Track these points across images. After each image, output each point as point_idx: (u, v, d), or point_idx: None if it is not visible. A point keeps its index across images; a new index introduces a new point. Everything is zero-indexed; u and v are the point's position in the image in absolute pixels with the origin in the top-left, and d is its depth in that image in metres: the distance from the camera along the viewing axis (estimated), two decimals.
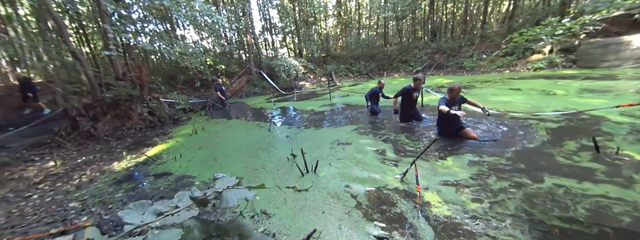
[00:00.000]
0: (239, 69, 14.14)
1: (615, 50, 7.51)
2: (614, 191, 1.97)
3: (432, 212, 1.97)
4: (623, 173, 2.22)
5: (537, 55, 9.42)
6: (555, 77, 7.34)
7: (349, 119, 5.32)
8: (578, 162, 2.50)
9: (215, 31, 12.20)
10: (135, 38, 6.44)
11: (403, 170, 2.59)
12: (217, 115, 7.78)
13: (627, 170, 2.26)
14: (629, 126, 3.21)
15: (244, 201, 2.38)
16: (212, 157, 3.89)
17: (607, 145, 2.77)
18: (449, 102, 3.24)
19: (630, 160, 2.41)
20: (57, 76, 7.48)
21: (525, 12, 13.14)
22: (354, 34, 19.76)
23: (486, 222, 1.79)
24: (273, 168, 3.18)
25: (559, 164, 2.51)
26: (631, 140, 2.83)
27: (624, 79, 6.08)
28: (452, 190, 2.23)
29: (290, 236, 1.88)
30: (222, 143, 4.61)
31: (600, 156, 2.54)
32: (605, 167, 2.34)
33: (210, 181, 2.97)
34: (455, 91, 3.23)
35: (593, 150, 2.64)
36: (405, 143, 3.55)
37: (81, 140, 5.52)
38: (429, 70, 12.63)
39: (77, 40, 11.87)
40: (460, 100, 3.40)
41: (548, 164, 2.52)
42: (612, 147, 2.69)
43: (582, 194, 1.99)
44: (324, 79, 14.76)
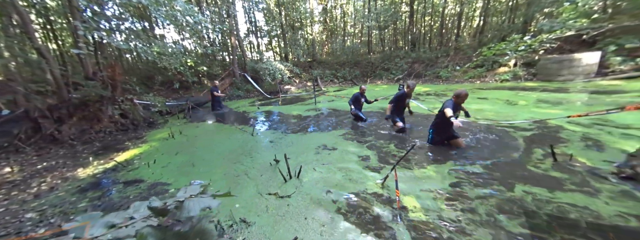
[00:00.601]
0: (222, 71, 13.83)
1: (568, 65, 8.45)
2: (569, 197, 2.16)
3: (410, 216, 2.06)
4: (577, 178, 2.46)
5: (504, 68, 10.34)
6: (518, 88, 8.08)
7: (335, 124, 5.42)
8: (543, 170, 2.67)
9: (197, 32, 11.89)
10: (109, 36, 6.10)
11: (384, 176, 2.70)
12: (197, 118, 7.53)
13: (579, 175, 2.52)
14: (581, 134, 3.61)
15: (227, 211, 2.35)
16: (190, 162, 3.77)
17: (564, 151, 3.06)
18: (454, 106, 3.16)
19: (582, 165, 2.70)
20: (19, 74, 6.83)
21: (493, 28, 14.37)
22: (339, 40, 20.23)
23: (459, 228, 1.90)
24: (256, 174, 3.15)
25: (527, 170, 2.67)
26: (582, 147, 3.18)
27: (574, 92, 6.84)
28: (430, 196, 2.33)
29: None
30: (202, 148, 4.48)
31: (557, 163, 2.78)
32: (561, 174, 2.56)
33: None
34: (462, 97, 3.15)
35: (566, 157, 2.88)
36: (390, 150, 3.61)
37: (43, 145, 5.07)
38: (409, 78, 13.26)
39: (43, 36, 10.94)
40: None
41: (518, 171, 2.69)
42: (567, 153, 2.97)
43: (546, 199, 2.14)
44: (310, 83, 14.87)
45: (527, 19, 11.86)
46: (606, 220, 1.84)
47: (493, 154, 3.17)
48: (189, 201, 0.91)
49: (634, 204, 1.98)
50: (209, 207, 0.92)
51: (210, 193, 1.03)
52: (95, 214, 0.88)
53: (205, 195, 1.00)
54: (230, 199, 2.56)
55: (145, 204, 0.98)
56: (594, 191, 2.23)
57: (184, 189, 1.04)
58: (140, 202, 1.00)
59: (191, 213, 0.86)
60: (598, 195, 2.17)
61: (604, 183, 2.33)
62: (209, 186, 2.89)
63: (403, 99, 4.26)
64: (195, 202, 0.92)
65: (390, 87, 11.92)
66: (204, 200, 0.93)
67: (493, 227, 1.85)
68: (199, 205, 0.90)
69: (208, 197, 0.96)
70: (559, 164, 2.77)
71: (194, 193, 1.01)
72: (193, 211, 0.87)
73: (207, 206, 0.93)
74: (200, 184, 1.15)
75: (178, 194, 1.00)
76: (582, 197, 2.16)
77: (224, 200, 2.51)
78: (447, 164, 2.95)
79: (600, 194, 2.19)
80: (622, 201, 2.05)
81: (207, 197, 0.96)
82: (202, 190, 1.05)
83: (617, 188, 2.24)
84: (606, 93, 6.23)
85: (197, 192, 1.02)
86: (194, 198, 0.95)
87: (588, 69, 8.30)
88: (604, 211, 1.93)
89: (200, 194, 1.04)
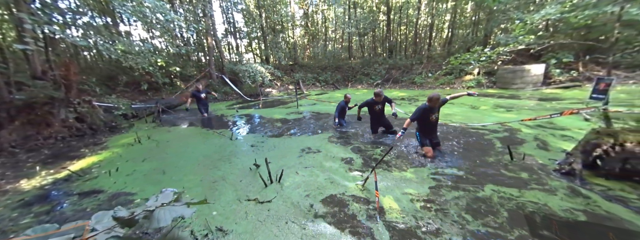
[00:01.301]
0: (197, 72, 13.12)
1: (520, 75, 9.52)
2: (530, 194, 2.34)
3: (388, 216, 2.10)
4: (529, 176, 2.72)
5: (469, 76, 11.33)
6: (481, 94, 8.86)
7: (318, 128, 5.38)
8: (507, 169, 2.88)
9: (169, 30, 11.19)
10: (63, 31, 5.41)
11: (365, 178, 2.71)
12: (168, 122, 6.99)
13: (532, 173, 2.79)
14: (532, 135, 4.03)
15: (203, 219, 2.17)
16: (160, 170, 3.44)
17: (523, 151, 3.37)
18: (426, 110, 3.20)
19: (533, 164, 3.00)
20: None
21: (460, 39, 15.75)
22: (321, 45, 20.48)
23: (433, 227, 1.98)
24: (235, 179, 2.98)
25: (493, 169, 2.86)
26: (534, 147, 3.55)
27: (524, 98, 7.72)
28: (409, 197, 2.39)
29: None
30: (174, 154, 4.13)
31: (513, 162, 3.06)
32: (519, 172, 2.79)
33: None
34: (433, 100, 3.14)
35: (520, 156, 3.16)
36: (375, 153, 3.62)
37: None
38: (387, 83, 13.85)
39: None
40: (440, 105, 3.32)
41: (486, 170, 2.88)
42: (523, 152, 3.28)
43: (508, 197, 2.29)
44: (292, 86, 14.75)
45: (487, 33, 13.20)
46: (557, 216, 2.02)
47: (467, 155, 3.37)
48: (160, 210, 0.80)
49: (581, 200, 2.21)
50: (183, 217, 0.82)
51: (184, 201, 0.91)
52: (50, 226, 0.73)
53: (179, 203, 0.89)
54: (206, 207, 2.38)
55: (109, 214, 0.84)
56: (548, 188, 2.47)
57: (155, 197, 0.92)
58: (104, 212, 0.86)
59: (162, 223, 0.76)
60: (547, 191, 2.40)
61: (553, 180, 2.59)
62: (184, 194, 2.65)
63: (371, 106, 4.30)
64: (167, 211, 0.81)
65: (369, 91, 12.30)
66: (176, 208, 0.82)
67: (461, 226, 1.94)
68: (171, 214, 0.80)
69: (181, 206, 0.86)
70: (515, 163, 3.04)
71: (166, 201, 0.89)
72: (164, 221, 0.76)
73: (180, 215, 0.82)
74: (173, 192, 1.02)
75: (148, 202, 0.88)
76: (536, 193, 2.36)
77: (200, 209, 2.33)
78: (427, 167, 3.04)
79: (550, 189, 2.41)
80: (571, 197, 2.28)
81: (181, 206, 0.86)
82: (175, 198, 0.93)
83: (565, 184, 2.49)
84: (548, 100, 7.14)
85: (169, 200, 0.90)
86: (165, 206, 0.84)
87: (536, 79, 9.43)
88: (556, 207, 2.12)
89: (173, 202, 0.92)
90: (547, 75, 9.50)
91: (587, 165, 2.57)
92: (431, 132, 3.39)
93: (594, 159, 2.53)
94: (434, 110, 3.24)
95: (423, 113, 3.23)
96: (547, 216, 1.96)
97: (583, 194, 2.29)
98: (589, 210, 2.04)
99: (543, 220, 1.93)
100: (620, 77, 8.50)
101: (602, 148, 2.49)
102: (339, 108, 5.08)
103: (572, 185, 2.44)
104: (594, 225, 1.85)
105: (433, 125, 3.35)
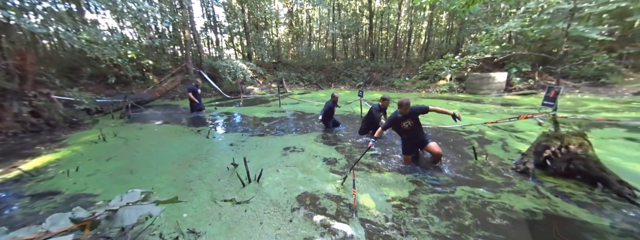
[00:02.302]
0: (172, 66, 12.43)
1: (486, 82, 10.42)
2: (491, 194, 2.52)
3: (364, 213, 2.20)
4: (492, 176, 2.98)
5: (443, 81, 12.13)
6: (452, 99, 9.57)
7: (302, 127, 5.40)
8: (476, 169, 3.07)
9: (141, 21, 10.48)
10: (19, 16, 4.85)
11: (344, 176, 2.81)
12: (139, 119, 6.58)
13: (496, 172, 3.06)
14: (496, 137, 4.45)
15: (173, 221, 2.11)
16: (128, 169, 3.26)
17: (489, 151, 3.68)
18: (397, 119, 2.96)
19: (497, 162, 3.29)
20: None
21: (435, 46, 16.72)
22: (305, 44, 20.46)
23: (404, 226, 2.08)
24: (212, 179, 2.92)
25: (464, 170, 3.00)
26: (498, 148, 3.89)
27: (487, 103, 8.47)
28: (385, 196, 2.49)
29: None
30: (145, 152, 3.93)
31: (478, 161, 3.33)
32: (484, 172, 3.01)
33: None
34: (403, 106, 2.87)
35: (484, 157, 3.44)
36: (358, 153, 3.60)
37: None
38: (369, 85, 14.28)
39: None
40: (415, 113, 3.00)
41: (458, 170, 3.01)
42: (487, 153, 3.58)
43: (474, 197, 2.44)
44: (274, 85, 14.57)
45: (459, 41, 14.23)
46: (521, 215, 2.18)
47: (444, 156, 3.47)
48: (124, 209, 0.81)
49: (544, 201, 2.38)
50: (150, 215, 0.84)
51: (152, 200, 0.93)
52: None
53: (147, 202, 0.90)
54: (178, 209, 2.32)
55: (66, 216, 0.83)
56: (510, 188, 2.71)
57: (120, 197, 0.91)
58: (60, 214, 0.84)
59: (126, 222, 0.76)
60: (510, 191, 2.66)
61: (513, 179, 2.85)
62: (153, 194, 2.55)
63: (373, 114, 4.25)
64: (133, 210, 0.82)
65: (352, 92, 12.59)
66: (143, 207, 0.83)
67: (427, 227, 2.03)
68: (137, 213, 0.80)
69: (149, 204, 0.87)
70: (481, 163, 3.33)
71: (132, 201, 0.90)
72: (129, 220, 0.77)
73: (147, 214, 0.84)
74: (141, 192, 1.03)
75: (112, 202, 0.88)
76: (501, 194, 2.53)
77: (170, 211, 2.27)
78: (404, 170, 3.08)
79: (513, 189, 2.65)
80: (533, 197, 2.48)
81: (149, 204, 0.87)
82: (143, 198, 0.94)
83: (525, 184, 2.74)
84: (508, 105, 7.89)
85: (136, 200, 0.91)
86: (131, 205, 0.85)
87: (499, 86, 10.37)
88: (518, 206, 2.29)
89: (141, 201, 0.93)
90: (509, 83, 10.49)
91: (538, 164, 2.86)
92: (410, 138, 3.12)
93: (544, 159, 2.81)
94: (406, 117, 2.96)
95: (394, 122, 3.03)
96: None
97: (544, 194, 2.49)
98: (550, 209, 2.23)
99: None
100: (568, 86, 9.66)
101: (551, 149, 2.77)
102: (326, 107, 4.80)
103: (531, 182, 2.68)
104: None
105: (410, 132, 3.05)
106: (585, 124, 3.08)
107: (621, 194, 2.38)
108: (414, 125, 3.00)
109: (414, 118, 2.99)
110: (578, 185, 2.61)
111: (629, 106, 6.85)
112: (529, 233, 1.93)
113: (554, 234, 1.84)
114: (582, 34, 8.39)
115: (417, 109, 2.97)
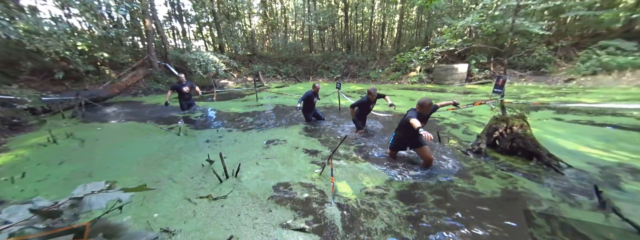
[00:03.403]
0: (133, 59, 11.28)
1: (451, 73, 11.21)
2: (448, 174, 2.78)
3: (342, 200, 2.29)
4: (458, 158, 3.29)
5: (413, 73, 12.77)
6: (421, 89, 10.19)
7: (282, 121, 5.32)
8: (441, 152, 3.34)
9: (92, 8, 9.26)
10: None
11: (322, 166, 2.87)
12: (95, 118, 5.94)
13: (455, 154, 3.38)
14: (459, 122, 4.89)
15: (144, 223, 2.00)
16: (85, 172, 2.97)
17: (449, 134, 4.07)
18: (419, 116, 2.76)
19: (459, 146, 3.63)
20: None
21: (407, 39, 17.40)
22: (280, 36, 19.84)
23: (379, 209, 2.23)
24: (184, 177, 2.79)
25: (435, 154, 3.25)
26: (461, 132, 4.30)
27: (450, 92, 9.24)
28: (362, 184, 2.57)
29: None
30: (105, 153, 3.59)
31: (441, 144, 3.66)
32: (451, 155, 3.26)
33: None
34: (425, 107, 2.73)
35: (447, 140, 3.76)
36: (341, 146, 3.56)
37: None
38: (346, 77, 14.47)
39: None
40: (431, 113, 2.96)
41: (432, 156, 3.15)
42: (450, 136, 3.96)
43: (439, 180, 2.56)
44: (250, 78, 14.04)
45: (427, 35, 14.97)
46: (485, 196, 2.33)
47: None
48: (90, 196, 0.76)
49: (506, 181, 2.52)
50: (119, 200, 0.79)
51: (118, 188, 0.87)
52: None
53: (113, 190, 0.85)
54: (147, 210, 2.20)
55: (25, 207, 0.75)
56: (471, 167, 3.05)
57: (83, 186, 0.85)
58: (18, 205, 0.76)
59: (95, 207, 0.72)
60: (471, 172, 2.95)
61: (475, 161, 3.18)
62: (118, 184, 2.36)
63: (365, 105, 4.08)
64: (100, 197, 0.77)
65: (330, 85, 12.67)
66: (111, 194, 0.79)
67: (392, 211, 2.12)
68: (105, 198, 0.76)
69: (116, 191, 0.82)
70: (443, 145, 3.66)
71: (97, 190, 0.84)
72: (97, 204, 0.73)
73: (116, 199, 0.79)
74: (105, 182, 0.97)
75: (75, 191, 0.82)
76: (460, 172, 2.85)
77: (139, 212, 2.16)
78: (382, 159, 3.19)
79: (473, 169, 2.96)
80: (487, 174, 2.86)
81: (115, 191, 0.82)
82: (108, 187, 0.88)
83: (484, 164, 3.11)
84: (468, 93, 8.66)
85: (100, 189, 0.85)
86: (97, 193, 0.79)
87: (461, 76, 11.23)
88: (481, 188, 2.42)
89: (106, 190, 0.87)
90: (469, 73, 11.43)
91: (490, 144, 3.27)
92: (405, 138, 2.95)
93: (494, 140, 3.23)
94: (426, 117, 2.89)
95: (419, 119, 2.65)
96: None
97: (502, 175, 2.67)
98: (510, 188, 2.41)
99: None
100: (516, 75, 10.82)
101: (499, 131, 3.19)
102: (305, 96, 4.66)
103: (490, 164, 2.92)
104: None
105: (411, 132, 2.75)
106: (525, 107, 3.53)
107: (549, 165, 2.82)
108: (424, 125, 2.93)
109: (427, 119, 2.96)
110: (521, 160, 3.02)
111: (559, 92, 7.95)
112: (495, 209, 2.18)
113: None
114: (526, 28, 9.38)
115: (433, 109, 2.90)
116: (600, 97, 6.72)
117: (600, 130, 4.06)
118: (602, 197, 2.13)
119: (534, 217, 2.01)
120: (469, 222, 1.97)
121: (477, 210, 2.12)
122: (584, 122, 4.52)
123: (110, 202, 0.78)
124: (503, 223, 1.95)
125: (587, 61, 9.57)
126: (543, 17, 11.57)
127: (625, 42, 9.33)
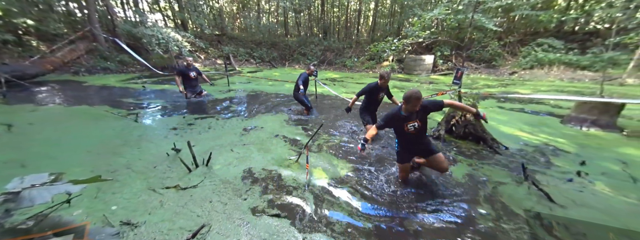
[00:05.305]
0: (70, 30, 9.38)
1: (419, 63, 11.93)
2: None
3: (316, 185, 2.32)
4: None
5: (386, 62, 13.19)
6: (392, 79, 10.58)
7: (256, 107, 5.07)
8: None
9: None
10: None
11: (298, 154, 2.85)
12: (23, 99, 4.91)
13: None
14: None
15: (99, 216, 1.77)
16: (16, 162, 2.51)
17: None
18: (400, 117, 2.15)
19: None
20: None
21: (381, 28, 17.68)
22: (253, 15, 18.36)
23: (352, 195, 2.29)
24: (145, 166, 2.54)
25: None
26: None
27: (415, 81, 9.88)
28: (337, 170, 2.59)
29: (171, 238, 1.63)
30: (43, 140, 3.04)
31: None
32: None
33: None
34: (412, 102, 2.01)
35: None
36: (321, 134, 3.53)
37: None
38: (323, 65, 14.29)
39: None
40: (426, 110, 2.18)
41: (391, 145, 3.26)
42: None
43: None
44: (220, 61, 12.92)
45: (400, 25, 15.39)
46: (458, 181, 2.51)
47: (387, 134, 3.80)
48: (31, 190, 0.63)
49: (465, 167, 2.99)
50: (69, 193, 0.68)
51: (66, 180, 0.73)
52: None
53: (60, 182, 0.71)
54: (103, 202, 1.99)
55: None
56: None
57: (20, 179, 0.70)
58: None
59: (38, 201, 0.61)
60: None
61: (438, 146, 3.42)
62: (67, 175, 2.02)
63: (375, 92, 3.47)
64: (44, 190, 0.64)
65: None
66: (57, 186, 0.66)
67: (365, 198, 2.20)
68: (51, 192, 0.64)
69: (64, 184, 0.69)
70: None
71: (39, 183, 0.70)
72: (41, 199, 0.61)
73: (64, 192, 0.67)
74: (50, 173, 0.81)
75: (9, 185, 0.66)
76: None
77: (92, 205, 1.98)
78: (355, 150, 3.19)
79: None
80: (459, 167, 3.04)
81: (63, 184, 0.69)
82: (53, 179, 0.74)
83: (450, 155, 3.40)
84: (431, 83, 9.35)
85: (43, 182, 0.71)
86: (38, 187, 0.66)
87: (428, 67, 12.03)
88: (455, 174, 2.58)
89: (50, 183, 0.73)
90: (435, 64, 12.28)
91: (447, 131, 3.64)
92: (411, 144, 2.31)
93: (451, 126, 3.60)
94: (413, 117, 2.16)
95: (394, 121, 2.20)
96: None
97: (466, 162, 2.88)
98: (472, 172, 2.63)
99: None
100: (472, 68, 11.97)
101: (455, 119, 3.57)
102: (302, 77, 4.41)
103: (450, 154, 3.19)
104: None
105: (414, 136, 2.23)
106: (476, 97, 4.01)
107: (492, 148, 3.29)
108: (421, 127, 2.17)
109: (422, 118, 2.17)
110: (472, 143, 3.44)
111: (503, 83, 9.11)
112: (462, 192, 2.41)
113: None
114: (483, 24, 10.30)
115: (429, 105, 2.16)
116: (531, 88, 7.91)
117: (528, 117, 4.82)
118: (527, 172, 2.55)
119: (479, 200, 2.27)
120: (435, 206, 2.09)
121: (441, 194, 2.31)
122: (518, 110, 5.29)
123: (57, 195, 0.65)
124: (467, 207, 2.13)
125: (527, 56, 11.02)
126: (497, 14, 12.73)
127: (556, 41, 10.96)
